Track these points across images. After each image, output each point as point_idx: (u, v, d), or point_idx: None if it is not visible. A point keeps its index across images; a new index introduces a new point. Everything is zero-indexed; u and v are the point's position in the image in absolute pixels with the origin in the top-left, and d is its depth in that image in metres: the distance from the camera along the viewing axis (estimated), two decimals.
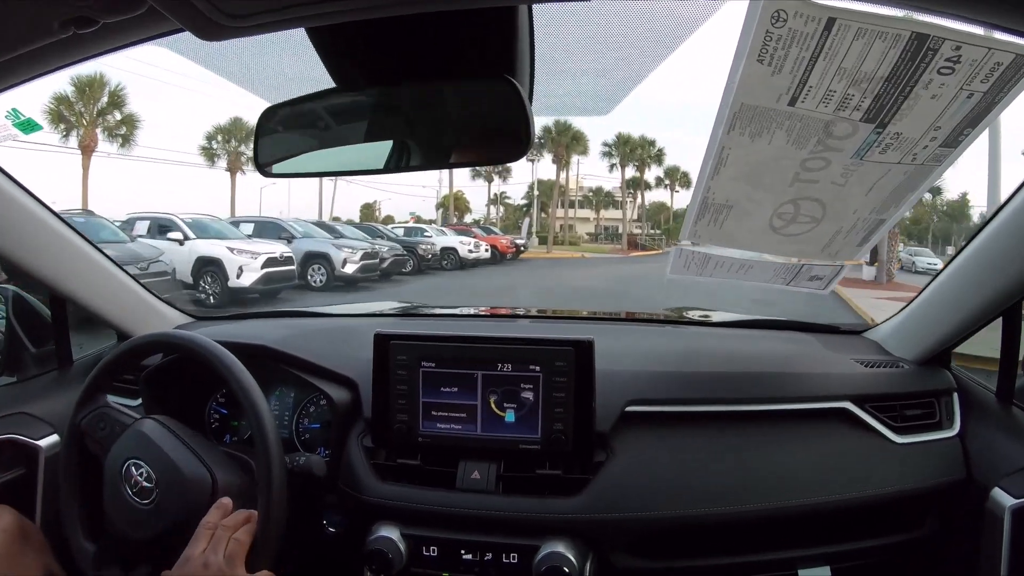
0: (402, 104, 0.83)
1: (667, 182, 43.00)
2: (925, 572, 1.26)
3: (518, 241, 24.98)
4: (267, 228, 13.48)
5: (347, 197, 74.16)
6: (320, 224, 16.05)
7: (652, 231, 45.25)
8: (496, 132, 0.80)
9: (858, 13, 0.66)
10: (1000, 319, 1.16)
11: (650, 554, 1.15)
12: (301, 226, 14.22)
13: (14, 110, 1.47)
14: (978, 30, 0.67)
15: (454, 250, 18.76)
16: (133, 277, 1.54)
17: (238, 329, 1.57)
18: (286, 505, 1.00)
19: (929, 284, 1.26)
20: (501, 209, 46.34)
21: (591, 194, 46.56)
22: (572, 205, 45.45)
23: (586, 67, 0.84)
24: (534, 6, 0.73)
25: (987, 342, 1.23)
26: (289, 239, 12.60)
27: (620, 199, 44.38)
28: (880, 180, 0.90)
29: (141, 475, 1.00)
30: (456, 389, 1.17)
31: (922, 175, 0.89)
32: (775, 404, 1.20)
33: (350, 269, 12.70)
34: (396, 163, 0.88)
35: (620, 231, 43.19)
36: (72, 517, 1.09)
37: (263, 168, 0.92)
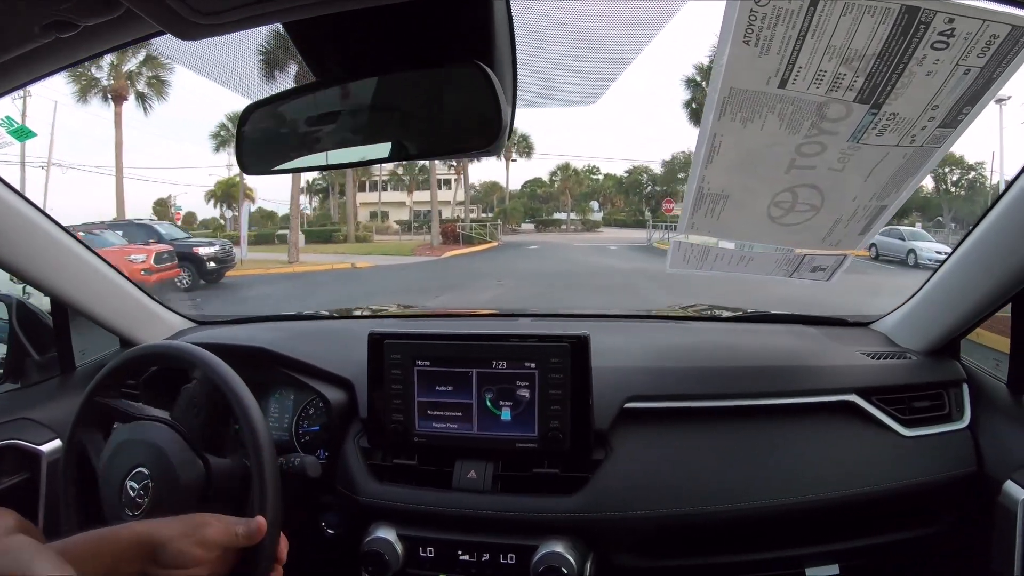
0: (380, 95, 0.82)
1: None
2: (936, 569, 1.23)
3: (205, 251, 12.99)
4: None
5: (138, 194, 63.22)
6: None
7: (483, 215, 36.24)
8: (468, 121, 0.78)
9: None
10: (1010, 305, 1.12)
11: (652, 553, 1.13)
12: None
13: (8, 118, 1.50)
14: (972, 1, 0.64)
15: None
16: (135, 284, 1.55)
17: (236, 333, 1.58)
18: (281, 507, 0.99)
19: (936, 271, 1.22)
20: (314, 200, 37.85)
21: (400, 171, 36.68)
22: (377, 187, 37.56)
23: (568, 54, 0.82)
24: None
25: None
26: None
27: (447, 176, 36.12)
28: (879, 164, 0.87)
29: (132, 489, 0.99)
30: (451, 388, 1.15)
31: (922, 157, 0.86)
32: (779, 399, 1.17)
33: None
34: (376, 155, 0.88)
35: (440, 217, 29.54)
36: (72, 526, 1.09)
37: (246, 166, 0.92)
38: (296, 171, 0.91)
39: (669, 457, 1.13)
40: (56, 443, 1.32)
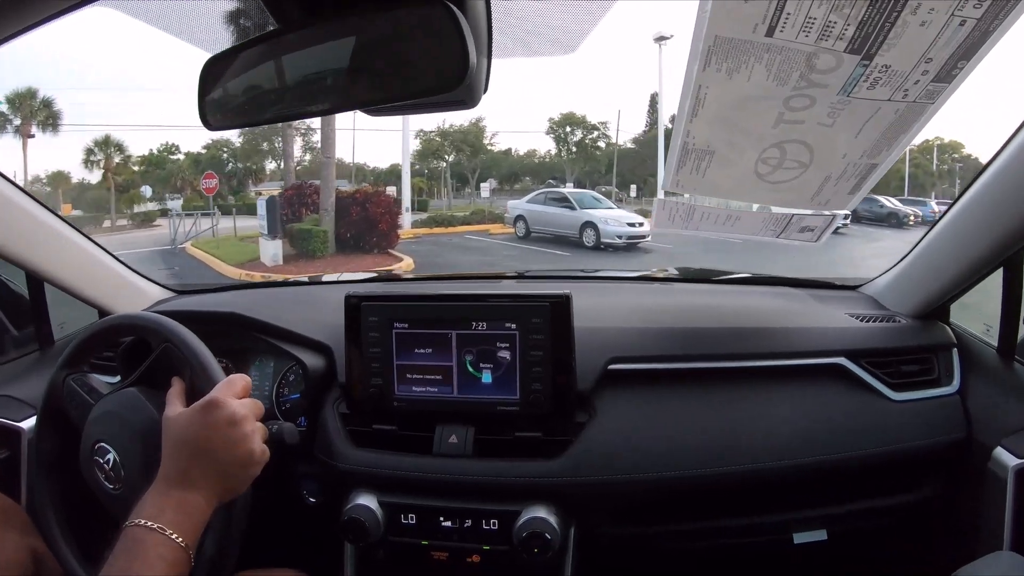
0: (341, 38, 0.79)
1: None
2: (926, 535, 1.24)
3: None
4: None
5: None
6: None
7: None
8: (435, 66, 0.75)
9: None
10: (1000, 269, 1.11)
11: (635, 518, 1.13)
12: None
13: None
14: None
15: None
16: (110, 253, 1.51)
17: (215, 299, 1.56)
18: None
19: (926, 234, 1.20)
20: None
21: None
22: None
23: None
24: None
25: None
26: None
27: None
28: (870, 120, 0.84)
29: (108, 461, 0.97)
30: (430, 350, 1.13)
31: (914, 113, 0.83)
32: (766, 360, 1.16)
33: None
34: (339, 103, 0.84)
35: None
36: (45, 503, 1.08)
37: (210, 122, 0.88)
38: (260, 123, 0.88)
39: (653, 420, 1.12)
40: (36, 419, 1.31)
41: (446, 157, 31.77)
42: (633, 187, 29.19)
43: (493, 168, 34.44)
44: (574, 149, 31.75)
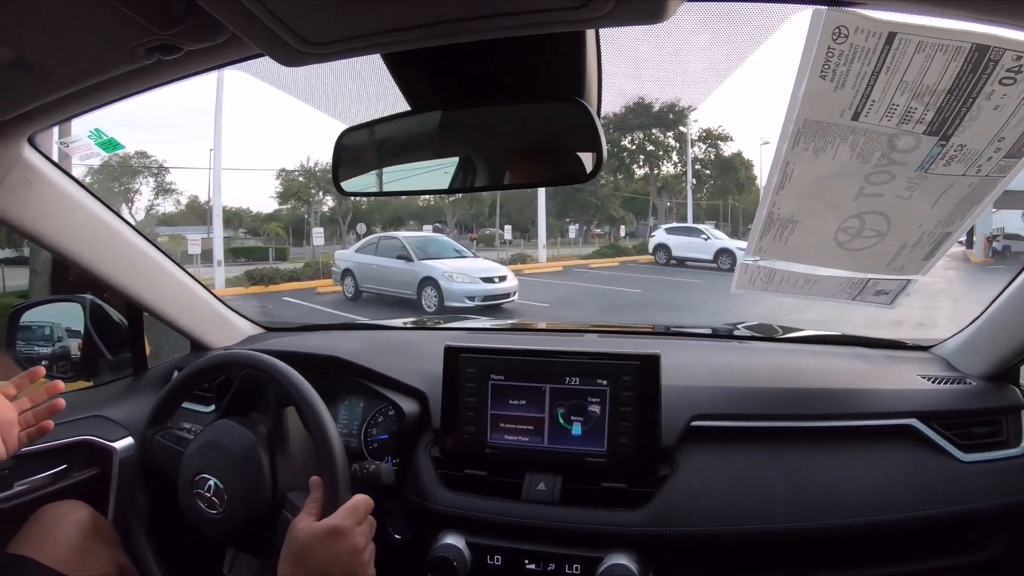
0: (473, 126, 0.88)
1: None
2: None
3: None
4: None
5: None
6: None
7: None
8: (568, 153, 0.84)
9: (918, 27, 0.68)
10: None
11: (711, 568, 1.16)
12: None
13: (97, 130, 1.59)
14: None
15: None
16: (205, 287, 1.63)
17: (307, 341, 1.64)
18: None
19: (998, 296, 1.24)
20: None
21: None
22: None
23: (651, 86, 0.88)
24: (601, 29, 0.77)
25: None
26: None
27: None
28: (945, 193, 0.90)
29: (209, 488, 1.06)
30: (524, 402, 1.20)
31: (987, 187, 0.89)
32: (841, 421, 1.20)
33: None
34: (465, 183, 0.94)
35: None
36: (141, 522, 1.16)
37: (341, 186, 0.99)
38: (389, 195, 0.98)
39: (732, 475, 1.16)
40: (128, 440, 1.40)
41: (310, 199, 29.14)
42: (508, 227, 26.06)
43: (376, 212, 31.53)
44: None
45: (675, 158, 31.29)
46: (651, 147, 30.74)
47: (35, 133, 1.15)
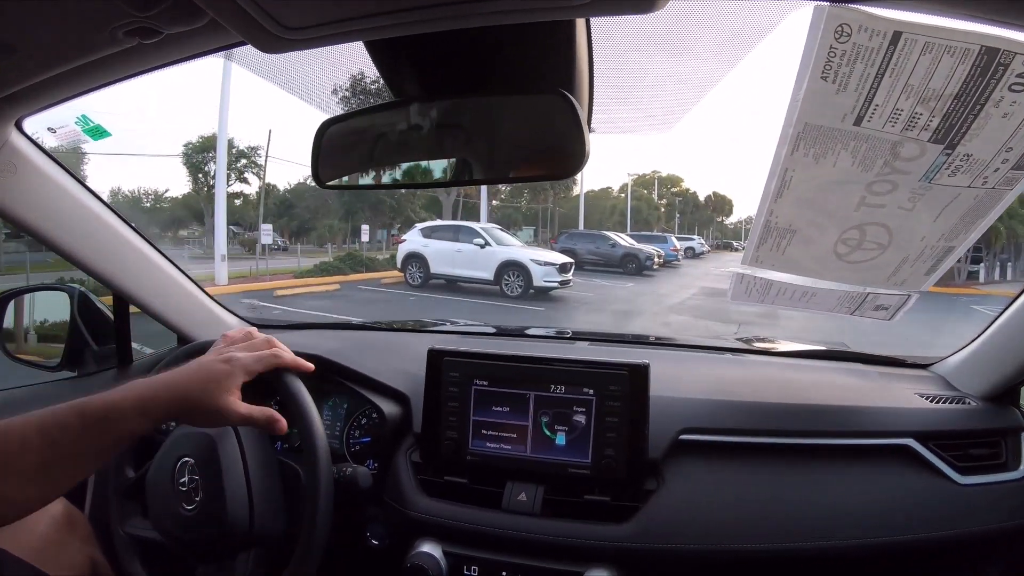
0: (458, 118, 0.86)
1: None
2: None
3: None
4: None
5: None
6: None
7: None
8: (550, 148, 0.81)
9: (925, 27, 0.65)
10: None
11: None
12: None
13: (84, 116, 1.57)
14: None
15: None
16: (194, 281, 1.61)
17: (294, 339, 1.62)
18: (331, 516, 1.01)
19: (999, 315, 1.21)
20: None
21: None
22: None
23: (644, 82, 0.86)
24: (592, 19, 0.75)
25: None
26: None
27: None
28: (949, 205, 0.87)
29: (188, 475, 1.04)
30: (507, 409, 1.17)
31: (993, 200, 0.86)
32: (835, 439, 1.16)
33: None
34: (449, 177, 0.91)
35: None
36: (118, 517, 1.15)
37: (321, 180, 0.97)
38: (369, 188, 0.95)
39: (720, 491, 1.13)
40: None
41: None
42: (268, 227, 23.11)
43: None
44: None
45: None
46: None
47: (22, 118, 1.14)
